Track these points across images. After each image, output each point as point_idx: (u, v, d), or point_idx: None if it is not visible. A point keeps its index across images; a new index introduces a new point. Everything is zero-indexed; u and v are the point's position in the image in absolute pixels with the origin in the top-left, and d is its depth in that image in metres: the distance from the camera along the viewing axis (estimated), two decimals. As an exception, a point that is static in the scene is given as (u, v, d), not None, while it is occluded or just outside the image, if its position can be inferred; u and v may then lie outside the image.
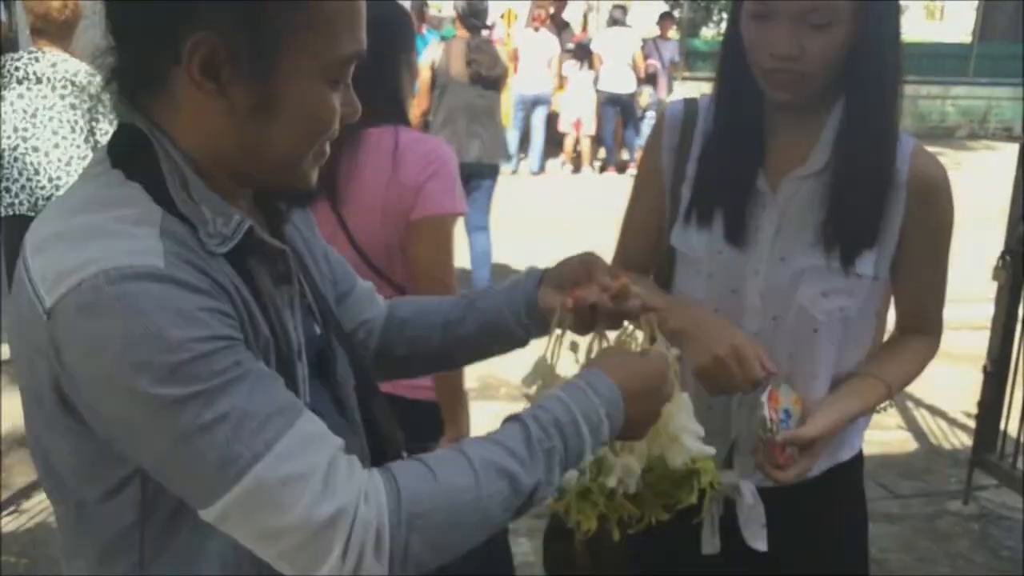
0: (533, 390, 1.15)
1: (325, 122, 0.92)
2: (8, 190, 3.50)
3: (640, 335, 1.15)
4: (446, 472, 0.89)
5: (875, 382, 1.46)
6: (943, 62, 13.57)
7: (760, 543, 1.49)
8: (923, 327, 1.53)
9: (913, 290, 1.50)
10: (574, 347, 1.15)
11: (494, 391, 4.07)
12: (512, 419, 0.97)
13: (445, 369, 1.28)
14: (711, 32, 15.58)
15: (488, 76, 5.43)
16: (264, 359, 0.90)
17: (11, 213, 3.50)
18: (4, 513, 3.17)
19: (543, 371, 1.15)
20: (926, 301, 1.52)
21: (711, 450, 1.18)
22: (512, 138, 9.80)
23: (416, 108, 5.27)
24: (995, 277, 3.25)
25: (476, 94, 5.44)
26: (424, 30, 9.26)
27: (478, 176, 5.33)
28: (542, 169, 10.02)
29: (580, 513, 1.17)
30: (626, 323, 1.16)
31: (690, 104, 1.52)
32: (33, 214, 3.40)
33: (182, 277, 0.82)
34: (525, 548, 2.73)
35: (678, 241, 1.50)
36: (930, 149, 1.44)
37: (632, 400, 1.01)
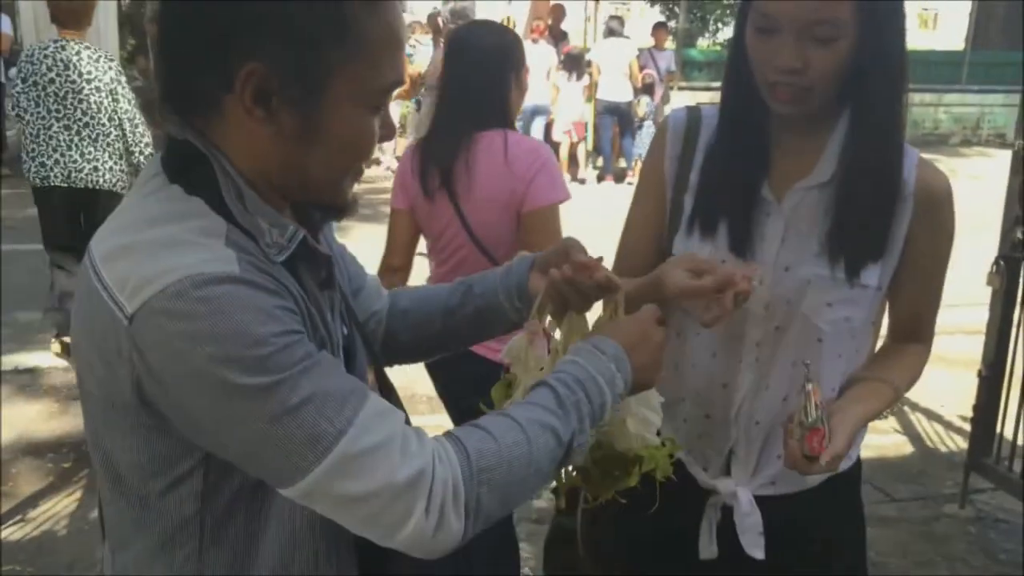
0: (515, 362, 1.25)
1: (365, 147, 0.99)
2: (43, 164, 4.19)
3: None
4: (501, 432, 0.98)
5: (882, 385, 1.45)
6: (936, 70, 13.62)
7: (757, 551, 1.49)
8: (917, 335, 1.53)
9: (911, 299, 1.48)
10: (552, 326, 1.24)
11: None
12: (539, 384, 1.06)
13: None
14: (707, 42, 15.64)
15: None
16: None
17: (46, 185, 4.21)
18: (10, 522, 3.18)
19: (519, 347, 1.24)
20: (922, 310, 1.51)
21: (655, 440, 1.23)
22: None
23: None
24: (990, 282, 3.27)
25: None
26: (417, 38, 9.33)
27: None
28: (540, 178, 10.03)
29: None
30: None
31: (693, 112, 1.51)
32: (67, 185, 4.21)
33: (255, 279, 0.90)
34: (526, 553, 2.72)
35: (680, 250, 1.47)
36: (924, 156, 1.44)
37: (633, 352, 1.12)
